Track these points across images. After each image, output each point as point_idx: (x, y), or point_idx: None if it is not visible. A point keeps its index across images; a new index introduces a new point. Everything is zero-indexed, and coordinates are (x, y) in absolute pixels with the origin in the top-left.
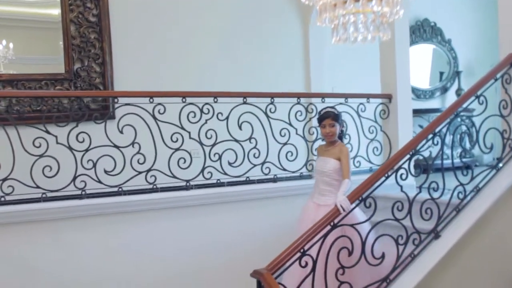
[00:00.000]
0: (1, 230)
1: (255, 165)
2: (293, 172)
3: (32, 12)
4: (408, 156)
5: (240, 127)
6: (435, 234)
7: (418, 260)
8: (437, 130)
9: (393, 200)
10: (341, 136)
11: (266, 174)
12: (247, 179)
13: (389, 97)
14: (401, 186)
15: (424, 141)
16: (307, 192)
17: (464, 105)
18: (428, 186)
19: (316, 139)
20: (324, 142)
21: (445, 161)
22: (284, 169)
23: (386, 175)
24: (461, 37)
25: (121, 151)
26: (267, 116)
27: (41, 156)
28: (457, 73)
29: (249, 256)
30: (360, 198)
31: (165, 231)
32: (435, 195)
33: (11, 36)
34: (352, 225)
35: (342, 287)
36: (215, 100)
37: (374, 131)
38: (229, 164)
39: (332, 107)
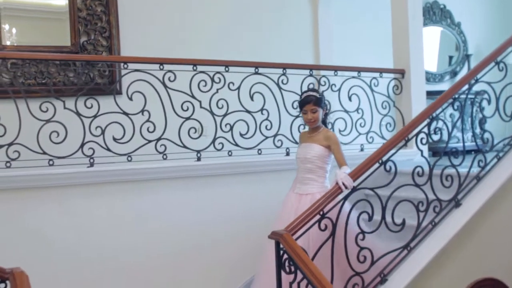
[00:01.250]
0: (7, 195)
1: (267, 137)
2: None
3: None
4: (427, 120)
5: (251, 98)
6: (456, 202)
7: (439, 228)
8: (457, 95)
9: (409, 173)
10: (325, 121)
11: (278, 147)
12: (259, 151)
13: (402, 72)
14: (422, 151)
15: (445, 104)
16: None
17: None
18: (449, 152)
19: (329, 112)
20: (306, 129)
21: (457, 144)
22: (297, 142)
23: (406, 138)
24: (471, 21)
25: (130, 118)
26: (279, 88)
27: (47, 121)
28: (467, 57)
29: (259, 228)
30: (380, 161)
31: (175, 201)
32: (455, 162)
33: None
34: (372, 189)
35: (363, 252)
36: (227, 69)
37: (387, 107)
38: (241, 135)
39: (314, 90)
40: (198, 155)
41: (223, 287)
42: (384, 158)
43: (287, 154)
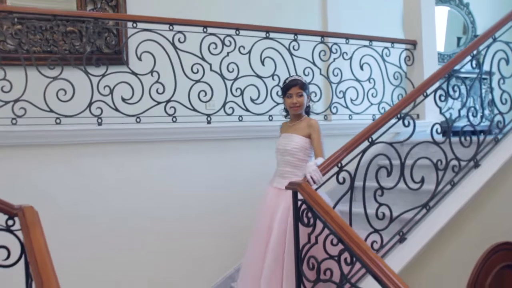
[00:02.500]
0: (13, 152)
1: (278, 104)
2: (317, 113)
3: None
4: (446, 76)
5: (262, 63)
6: (475, 163)
7: (458, 188)
8: (475, 52)
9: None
10: (308, 112)
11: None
12: (270, 117)
13: (414, 43)
14: (440, 108)
15: (466, 60)
16: (333, 134)
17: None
18: (467, 111)
19: (340, 81)
20: (287, 120)
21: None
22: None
23: (425, 94)
24: (480, 1)
25: (139, 78)
26: (290, 54)
27: (55, 78)
28: (475, 38)
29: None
30: (398, 116)
31: (183, 165)
32: (475, 121)
33: None
34: (391, 144)
35: (381, 209)
36: (237, 32)
37: (399, 78)
38: (252, 100)
39: (299, 75)
40: (208, 119)
41: (230, 252)
42: (403, 112)
43: None
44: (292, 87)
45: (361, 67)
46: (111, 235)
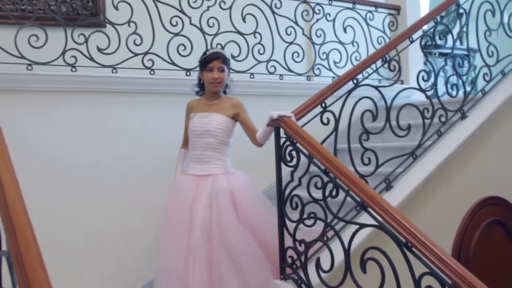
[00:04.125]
0: None
1: (259, 62)
2: (300, 74)
3: None
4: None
5: (244, 20)
6: (462, 114)
7: (445, 138)
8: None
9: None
10: (225, 92)
11: (271, 73)
12: (252, 75)
13: (397, 8)
14: (426, 55)
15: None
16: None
17: None
18: (453, 62)
19: (323, 43)
20: (198, 98)
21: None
22: (290, 70)
23: (411, 39)
24: None
25: (115, 28)
26: (272, 12)
27: (26, 24)
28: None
29: (253, 152)
30: (383, 59)
31: (160, 118)
32: (461, 71)
33: None
34: (376, 87)
35: (367, 154)
36: None
37: (383, 42)
38: (233, 57)
39: (222, 50)
40: (188, 74)
41: None
42: (388, 56)
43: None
44: (214, 60)
45: (345, 30)
46: (81, 184)
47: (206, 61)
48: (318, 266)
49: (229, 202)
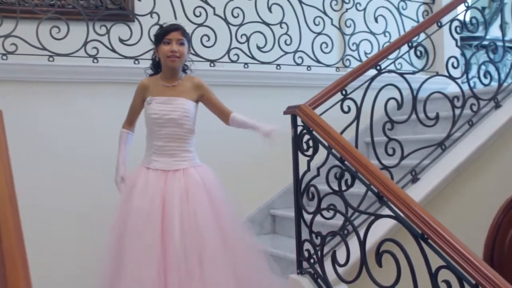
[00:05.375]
0: (3, 87)
1: (286, 53)
2: (328, 65)
3: None
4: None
5: (269, 10)
6: (496, 103)
7: (477, 129)
8: None
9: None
10: (185, 70)
11: (298, 64)
12: (278, 67)
13: None
14: (456, 40)
15: None
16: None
17: None
18: (487, 45)
19: (353, 33)
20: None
21: None
22: (318, 61)
23: (439, 23)
24: None
25: (138, 19)
26: (300, 1)
27: (48, 16)
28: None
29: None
30: (409, 44)
31: None
32: (495, 58)
33: None
34: (401, 74)
35: (391, 144)
36: None
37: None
38: (258, 48)
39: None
40: (212, 65)
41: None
42: (415, 42)
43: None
44: (172, 32)
45: (376, 20)
46: (102, 177)
47: (163, 33)
48: (334, 259)
49: (206, 200)
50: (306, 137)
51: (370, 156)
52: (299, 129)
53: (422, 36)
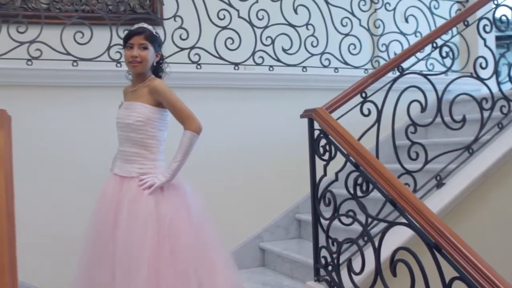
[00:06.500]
0: (27, 92)
1: (312, 55)
2: (357, 67)
3: None
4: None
5: (295, 11)
6: None
7: (507, 132)
8: None
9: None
10: (157, 72)
11: (325, 66)
12: (304, 69)
13: None
14: (485, 40)
15: None
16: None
17: None
18: None
19: (383, 34)
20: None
21: None
22: (346, 63)
23: (466, 22)
24: None
25: (161, 23)
26: (326, 2)
27: (71, 21)
28: None
29: (297, 146)
30: (434, 44)
31: (207, 113)
32: None
33: None
34: (425, 75)
35: (414, 148)
36: None
37: (449, 33)
38: (283, 50)
39: (149, 26)
40: (236, 68)
41: (259, 209)
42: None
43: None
44: (134, 36)
45: (406, 20)
46: None
47: (125, 37)
48: (349, 268)
49: (149, 218)
50: (323, 141)
51: (392, 159)
52: (316, 133)
53: (448, 36)
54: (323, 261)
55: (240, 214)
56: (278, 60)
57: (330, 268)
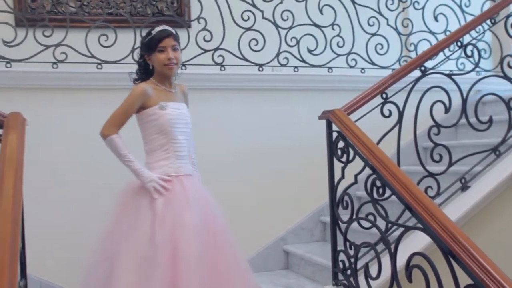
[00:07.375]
0: (53, 94)
1: (338, 55)
2: (384, 67)
3: None
4: None
5: (320, 11)
6: None
7: None
8: None
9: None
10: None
11: (352, 67)
12: (330, 70)
13: None
14: None
15: None
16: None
17: None
18: None
19: (411, 33)
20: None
21: None
22: (373, 63)
23: (493, 20)
24: None
25: (185, 25)
26: (353, 2)
27: (96, 24)
28: None
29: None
30: (459, 44)
31: (231, 115)
32: None
33: None
34: (449, 75)
35: (437, 150)
36: None
37: (481, 30)
38: (309, 51)
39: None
40: (260, 69)
41: (284, 210)
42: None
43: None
44: (166, 38)
45: (436, 18)
46: None
47: (155, 41)
48: (366, 272)
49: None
50: (341, 143)
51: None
52: (334, 135)
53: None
54: (341, 265)
55: (264, 216)
56: (303, 61)
57: (348, 272)
